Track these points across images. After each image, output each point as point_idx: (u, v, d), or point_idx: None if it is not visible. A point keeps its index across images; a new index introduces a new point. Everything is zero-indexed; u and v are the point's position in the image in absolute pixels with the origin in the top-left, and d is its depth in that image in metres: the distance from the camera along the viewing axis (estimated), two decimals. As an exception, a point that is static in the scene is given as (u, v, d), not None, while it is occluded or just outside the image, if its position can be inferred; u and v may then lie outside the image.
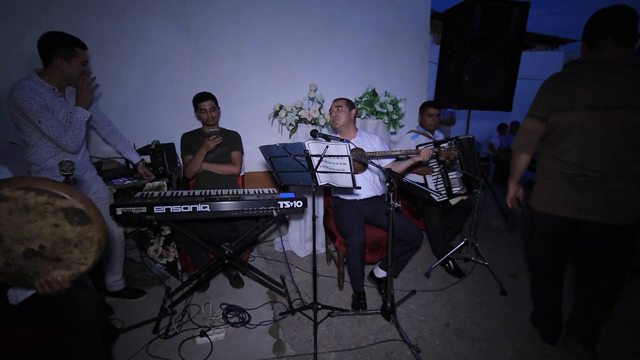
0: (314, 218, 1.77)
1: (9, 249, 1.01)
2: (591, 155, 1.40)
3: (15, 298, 1.22)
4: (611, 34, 1.35)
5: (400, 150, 2.20)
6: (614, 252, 1.48)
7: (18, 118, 1.63)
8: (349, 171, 1.58)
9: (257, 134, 2.90)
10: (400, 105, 2.94)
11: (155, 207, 1.63)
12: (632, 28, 1.34)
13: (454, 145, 2.31)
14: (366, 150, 2.20)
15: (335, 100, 2.28)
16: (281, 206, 1.76)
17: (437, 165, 2.54)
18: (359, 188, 1.73)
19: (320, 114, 2.66)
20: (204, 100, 2.25)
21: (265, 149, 1.71)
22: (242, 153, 2.48)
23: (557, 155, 1.49)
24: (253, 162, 2.95)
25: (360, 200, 2.26)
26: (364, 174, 2.24)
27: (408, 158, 2.17)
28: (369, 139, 2.30)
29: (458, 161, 2.45)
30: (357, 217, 2.12)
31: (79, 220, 1.03)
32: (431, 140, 2.53)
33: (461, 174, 2.53)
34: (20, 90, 1.59)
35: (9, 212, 0.98)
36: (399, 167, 2.16)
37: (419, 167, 2.52)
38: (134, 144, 2.38)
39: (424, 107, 2.75)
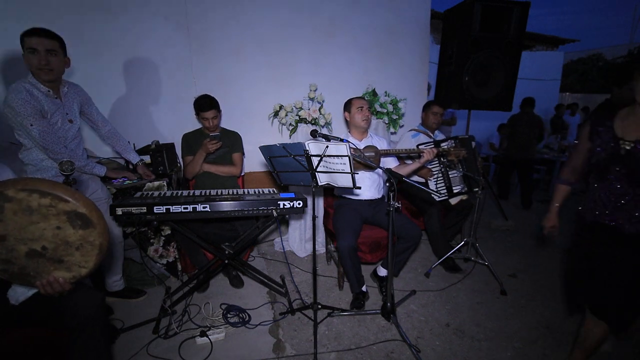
0: (314, 218, 1.77)
1: (12, 248, 1.02)
2: (520, 138, 4.30)
3: (15, 298, 1.22)
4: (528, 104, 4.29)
5: (411, 149, 2.22)
6: (530, 169, 4.45)
7: (11, 120, 1.63)
8: (349, 171, 1.58)
9: (257, 134, 2.90)
10: (400, 105, 2.94)
11: (155, 207, 1.62)
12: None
13: (454, 145, 2.31)
14: (378, 148, 2.23)
15: (362, 98, 2.28)
16: (281, 206, 1.76)
17: (437, 165, 2.54)
18: (359, 188, 1.73)
19: (320, 114, 2.66)
20: (205, 110, 2.19)
21: (265, 149, 1.71)
22: (243, 154, 2.48)
23: (511, 139, 4.39)
24: (253, 162, 2.95)
25: (364, 200, 2.26)
26: (369, 175, 2.25)
27: (409, 158, 2.18)
28: (379, 141, 2.31)
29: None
30: (354, 220, 2.12)
31: (81, 224, 1.04)
32: (431, 140, 2.53)
33: (461, 173, 2.53)
34: (15, 93, 1.58)
35: (13, 213, 0.99)
36: (405, 170, 2.17)
37: (422, 169, 2.53)
38: (134, 144, 2.38)
39: (428, 105, 2.74)
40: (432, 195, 2.46)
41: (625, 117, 1.29)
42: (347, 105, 2.28)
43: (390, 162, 2.34)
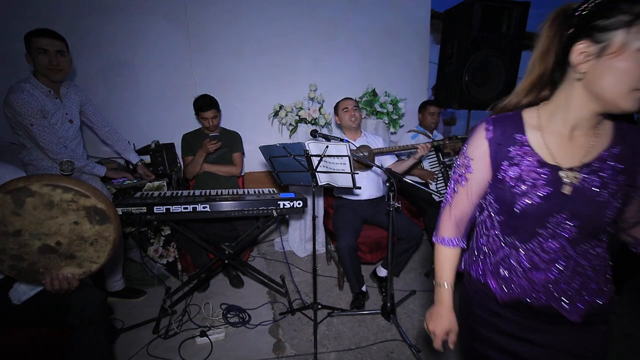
0: (314, 218, 1.77)
1: (25, 244, 1.03)
2: None
3: (17, 298, 1.22)
4: None
5: (405, 145, 2.22)
6: None
7: (12, 120, 1.63)
8: (349, 171, 1.58)
9: (257, 133, 2.90)
10: (400, 105, 2.94)
11: (155, 207, 1.63)
12: None
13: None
14: (372, 147, 2.22)
15: (348, 99, 2.30)
16: (281, 206, 1.76)
17: (437, 165, 2.54)
18: (359, 188, 1.73)
19: (320, 114, 2.66)
20: (205, 110, 2.21)
21: (265, 149, 1.71)
22: (243, 154, 2.48)
23: None
24: (253, 162, 2.95)
25: (363, 200, 2.26)
26: (366, 175, 2.25)
27: (409, 157, 2.19)
28: (374, 140, 2.32)
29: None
30: (353, 220, 2.12)
31: (98, 219, 1.06)
32: (430, 140, 2.53)
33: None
34: (16, 93, 1.59)
35: (33, 207, 1.00)
36: (401, 167, 2.17)
37: (423, 171, 2.53)
38: (133, 144, 2.38)
39: (424, 106, 2.75)
40: (432, 195, 2.46)
41: (546, 125, 0.75)
42: (335, 109, 2.33)
43: (387, 160, 2.33)
